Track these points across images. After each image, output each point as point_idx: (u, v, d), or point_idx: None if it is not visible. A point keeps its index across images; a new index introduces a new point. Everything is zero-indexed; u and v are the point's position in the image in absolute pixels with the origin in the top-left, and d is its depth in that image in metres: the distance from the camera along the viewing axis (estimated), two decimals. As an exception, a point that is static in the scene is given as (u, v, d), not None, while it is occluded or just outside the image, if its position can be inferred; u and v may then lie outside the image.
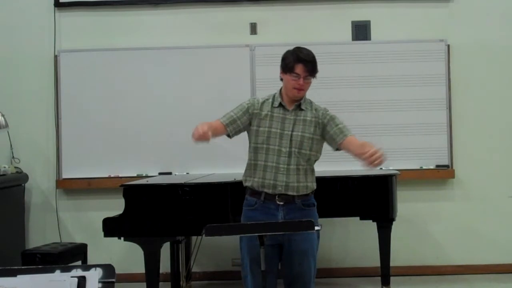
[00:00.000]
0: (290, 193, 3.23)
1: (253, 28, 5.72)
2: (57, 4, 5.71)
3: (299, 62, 3.20)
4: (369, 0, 5.70)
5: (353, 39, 5.68)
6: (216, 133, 3.18)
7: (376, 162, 2.96)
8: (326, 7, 5.70)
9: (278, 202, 3.23)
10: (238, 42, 5.66)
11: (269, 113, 3.27)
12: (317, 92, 5.68)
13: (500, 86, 5.68)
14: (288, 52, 3.31)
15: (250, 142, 3.34)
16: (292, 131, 3.24)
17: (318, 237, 3.33)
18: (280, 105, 3.28)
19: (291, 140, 3.23)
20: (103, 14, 5.75)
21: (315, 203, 3.35)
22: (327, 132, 3.28)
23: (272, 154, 3.23)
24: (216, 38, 5.68)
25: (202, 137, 3.02)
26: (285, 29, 5.67)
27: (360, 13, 5.69)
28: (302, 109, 3.28)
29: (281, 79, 3.33)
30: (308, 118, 3.27)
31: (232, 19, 5.71)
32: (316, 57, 3.31)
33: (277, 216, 3.22)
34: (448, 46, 5.62)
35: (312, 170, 3.33)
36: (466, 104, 5.64)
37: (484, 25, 5.67)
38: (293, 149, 3.22)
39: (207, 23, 5.72)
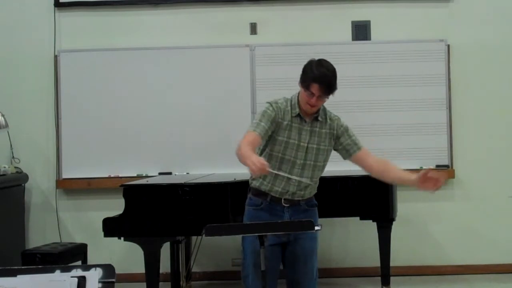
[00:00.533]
0: (296, 199, 3.25)
1: (253, 28, 5.72)
2: (57, 4, 5.72)
3: (315, 82, 3.09)
4: (369, 0, 5.70)
5: (353, 39, 5.68)
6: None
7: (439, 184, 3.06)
8: (326, 7, 5.70)
9: (284, 204, 3.23)
10: (238, 42, 5.66)
11: (289, 123, 3.19)
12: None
13: (500, 86, 5.68)
14: (310, 63, 3.17)
15: (264, 146, 3.26)
16: (308, 143, 3.20)
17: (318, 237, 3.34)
18: (298, 115, 3.22)
19: (306, 152, 3.20)
20: (103, 14, 5.75)
21: (317, 203, 3.36)
22: (340, 143, 3.28)
23: (286, 165, 3.19)
24: (216, 38, 5.68)
25: (263, 170, 2.84)
26: (285, 29, 5.67)
27: (360, 13, 5.69)
28: (318, 120, 3.24)
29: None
30: (323, 131, 3.23)
31: (232, 19, 5.71)
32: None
33: (283, 217, 3.22)
34: (448, 46, 5.62)
35: (317, 179, 3.33)
36: (466, 104, 5.64)
37: (484, 25, 5.67)
38: (307, 161, 3.20)
39: (207, 23, 5.72)
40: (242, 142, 3.00)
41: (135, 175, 5.50)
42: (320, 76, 3.08)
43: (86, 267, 1.74)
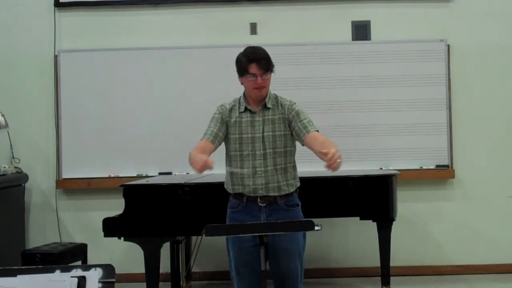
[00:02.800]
0: (271, 194, 3.21)
1: (253, 28, 5.72)
2: (57, 4, 5.72)
3: (252, 62, 3.18)
4: (369, 0, 5.70)
5: (353, 39, 5.68)
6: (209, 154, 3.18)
7: (334, 165, 2.80)
8: (326, 7, 5.70)
9: (260, 204, 3.21)
10: (238, 42, 5.64)
11: (237, 119, 3.24)
12: (317, 92, 5.70)
13: (500, 86, 5.68)
14: (239, 54, 3.28)
15: (226, 150, 3.32)
16: (263, 132, 3.21)
17: (305, 236, 3.29)
18: (246, 109, 3.25)
19: (263, 142, 3.20)
20: (103, 14, 5.75)
21: (299, 203, 3.31)
22: (293, 128, 3.22)
23: (247, 160, 3.20)
24: (216, 38, 5.68)
25: (205, 167, 2.98)
26: (285, 29, 5.67)
27: (360, 13, 5.68)
28: (268, 108, 3.24)
29: (242, 83, 3.30)
30: (276, 117, 3.22)
31: (232, 19, 5.71)
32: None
33: (259, 218, 3.19)
34: (448, 46, 5.62)
35: (293, 167, 3.29)
36: (466, 104, 5.64)
37: (484, 25, 5.67)
38: (267, 150, 3.19)
39: (207, 23, 5.72)
40: (191, 151, 3.14)
41: (135, 175, 5.50)
42: (252, 55, 3.20)
43: (86, 267, 1.74)
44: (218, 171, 5.29)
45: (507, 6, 5.69)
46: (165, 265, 4.89)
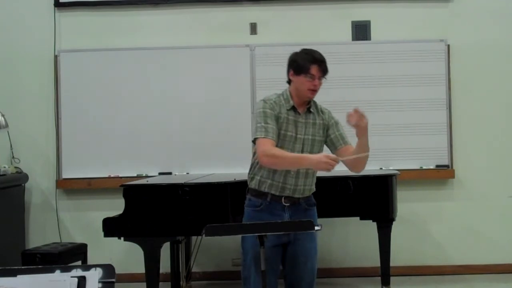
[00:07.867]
0: (296, 196, 3.23)
1: (253, 28, 5.72)
2: (57, 4, 5.72)
3: (314, 63, 3.17)
4: (369, 0, 5.70)
5: (353, 39, 5.68)
6: None
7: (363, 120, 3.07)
8: (326, 7, 5.70)
9: (284, 204, 3.22)
10: (238, 42, 5.66)
11: (286, 116, 3.22)
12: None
13: (500, 86, 5.68)
14: (297, 53, 3.25)
15: None
16: (304, 134, 3.23)
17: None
18: (292, 107, 3.24)
19: (303, 144, 3.22)
20: (103, 14, 5.75)
21: (315, 203, 3.36)
22: (328, 135, 3.30)
23: None
24: (216, 38, 5.68)
25: (335, 160, 3.00)
26: (285, 29, 5.67)
27: (360, 13, 5.69)
28: (311, 112, 3.27)
29: (288, 82, 3.28)
30: (317, 122, 3.27)
31: (232, 19, 5.72)
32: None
33: (283, 217, 3.20)
34: (448, 46, 5.62)
35: (316, 172, 3.33)
36: (466, 104, 5.64)
37: (484, 25, 5.67)
38: (304, 152, 3.21)
39: (207, 23, 5.72)
40: (272, 150, 3.07)
41: (135, 175, 5.50)
42: (316, 58, 3.20)
43: (86, 267, 1.74)
44: (218, 171, 5.32)
45: (507, 6, 5.69)
46: (165, 265, 4.89)
